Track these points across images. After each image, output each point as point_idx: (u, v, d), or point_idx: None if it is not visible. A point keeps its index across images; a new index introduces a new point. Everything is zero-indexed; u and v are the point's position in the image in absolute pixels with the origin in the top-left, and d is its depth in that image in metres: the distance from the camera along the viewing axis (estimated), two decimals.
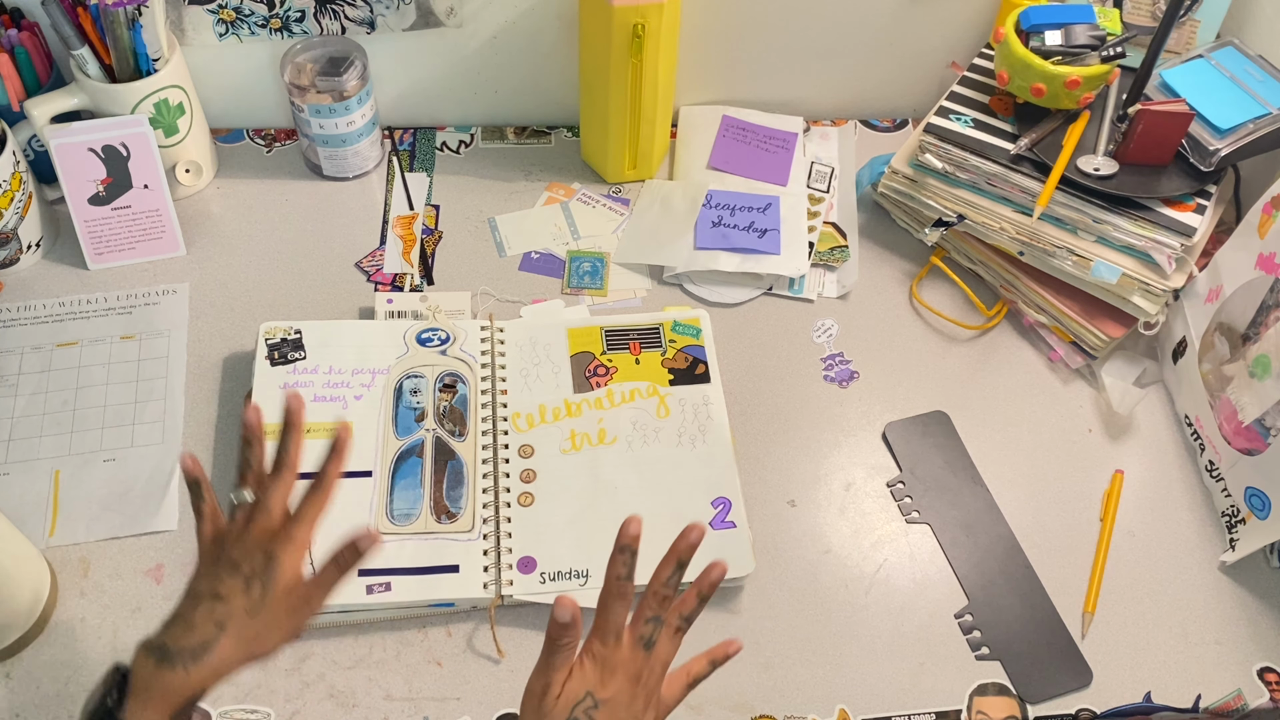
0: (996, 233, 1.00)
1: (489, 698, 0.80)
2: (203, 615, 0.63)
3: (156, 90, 0.99)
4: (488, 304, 1.02)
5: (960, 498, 0.92)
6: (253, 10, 1.03)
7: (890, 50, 1.15)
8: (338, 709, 0.79)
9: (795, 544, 0.89)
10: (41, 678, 0.79)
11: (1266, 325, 0.86)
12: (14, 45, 0.97)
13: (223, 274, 1.03)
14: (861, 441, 0.96)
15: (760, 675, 0.82)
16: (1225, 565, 0.90)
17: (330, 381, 0.92)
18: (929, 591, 0.87)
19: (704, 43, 1.11)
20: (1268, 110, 0.95)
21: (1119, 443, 0.97)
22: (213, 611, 0.63)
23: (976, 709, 0.82)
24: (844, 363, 1.01)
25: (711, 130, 1.16)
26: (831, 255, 1.07)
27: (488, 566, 0.83)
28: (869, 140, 1.19)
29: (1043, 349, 1.02)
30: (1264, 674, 0.84)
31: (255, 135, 1.14)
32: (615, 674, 0.64)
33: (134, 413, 0.92)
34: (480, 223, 1.09)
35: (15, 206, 0.97)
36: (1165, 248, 0.93)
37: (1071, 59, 0.97)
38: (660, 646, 0.66)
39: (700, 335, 0.98)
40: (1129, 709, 0.82)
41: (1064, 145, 0.97)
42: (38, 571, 0.81)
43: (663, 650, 0.66)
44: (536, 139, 1.17)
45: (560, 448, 0.91)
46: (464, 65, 1.12)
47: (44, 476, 0.88)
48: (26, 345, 0.96)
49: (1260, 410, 0.85)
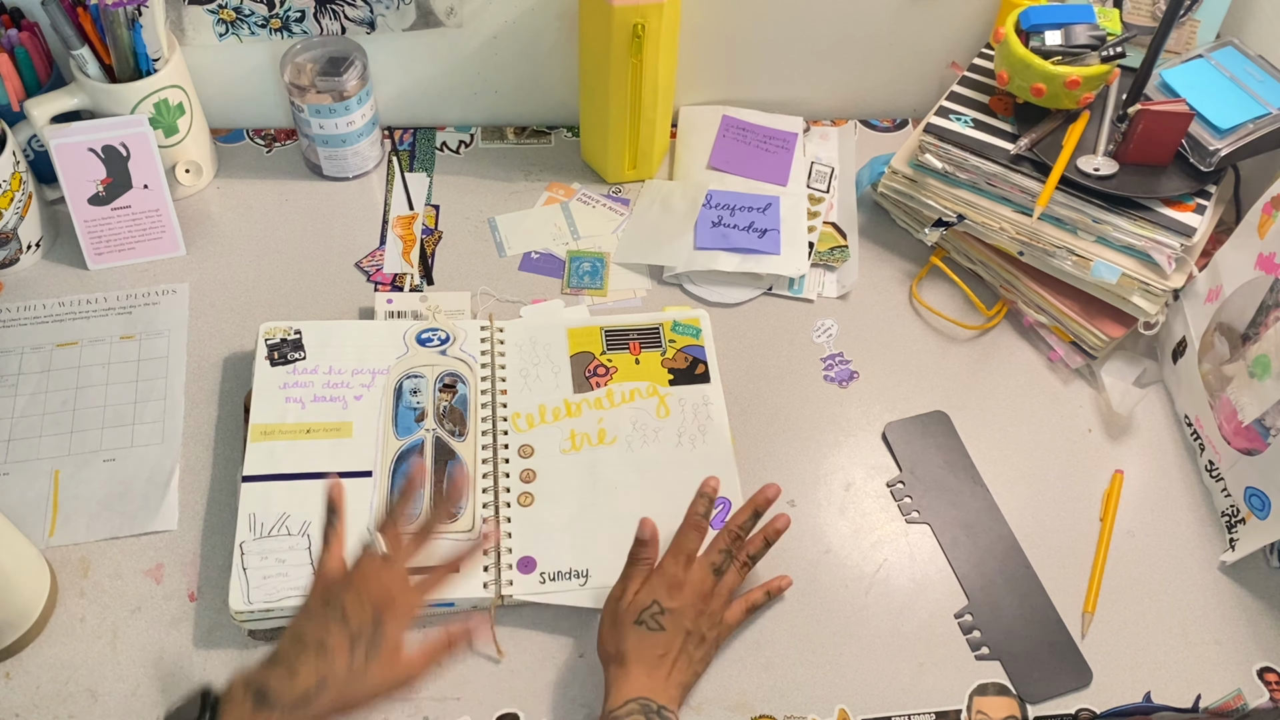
0: (996, 233, 1.00)
1: (489, 698, 0.80)
2: (307, 666, 0.64)
3: (156, 90, 0.99)
4: (488, 304, 1.02)
5: (960, 498, 0.92)
6: (253, 10, 1.03)
7: (890, 50, 1.15)
8: None
9: (795, 544, 0.89)
10: (41, 678, 0.79)
11: (1266, 325, 0.86)
12: (14, 45, 0.97)
13: (222, 274, 1.03)
14: (861, 441, 0.96)
15: (760, 675, 0.82)
16: (1225, 565, 0.90)
17: (330, 382, 0.92)
18: (929, 591, 0.87)
19: (704, 43, 1.11)
20: (1268, 110, 0.95)
21: (1119, 443, 0.97)
22: (317, 665, 0.64)
23: (976, 709, 0.82)
24: (844, 363, 1.01)
25: (711, 130, 1.16)
26: (831, 255, 1.07)
27: (488, 566, 0.83)
28: (869, 140, 1.19)
29: (1043, 349, 1.02)
30: (1264, 674, 0.84)
31: (255, 135, 1.14)
32: (683, 590, 0.76)
33: (134, 413, 0.92)
34: (480, 223, 1.09)
35: (15, 206, 0.97)
36: (1165, 248, 0.93)
37: (1071, 59, 0.97)
38: (728, 576, 0.80)
39: (700, 335, 0.98)
40: (1129, 709, 0.82)
41: (1064, 145, 0.97)
42: (38, 571, 0.81)
43: (730, 579, 0.80)
44: (536, 139, 1.17)
45: (560, 448, 0.91)
46: (464, 65, 1.12)
47: (44, 476, 0.88)
48: (26, 345, 0.96)
49: (1260, 410, 0.85)
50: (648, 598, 0.75)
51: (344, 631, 0.65)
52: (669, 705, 0.72)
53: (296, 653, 0.65)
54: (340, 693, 0.64)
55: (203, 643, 0.81)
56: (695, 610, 0.76)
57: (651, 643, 0.74)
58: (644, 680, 0.72)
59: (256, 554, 0.82)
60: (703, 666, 0.77)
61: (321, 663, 0.64)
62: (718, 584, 0.79)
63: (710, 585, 0.78)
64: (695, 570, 0.78)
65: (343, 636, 0.65)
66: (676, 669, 0.74)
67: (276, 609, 0.80)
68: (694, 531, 0.79)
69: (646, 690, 0.72)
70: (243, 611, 0.80)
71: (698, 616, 0.76)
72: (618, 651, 0.74)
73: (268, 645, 0.81)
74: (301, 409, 0.90)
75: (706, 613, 0.77)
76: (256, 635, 0.82)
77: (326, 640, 0.65)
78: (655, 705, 0.71)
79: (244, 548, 0.82)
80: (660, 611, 0.75)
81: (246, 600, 0.80)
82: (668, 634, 0.74)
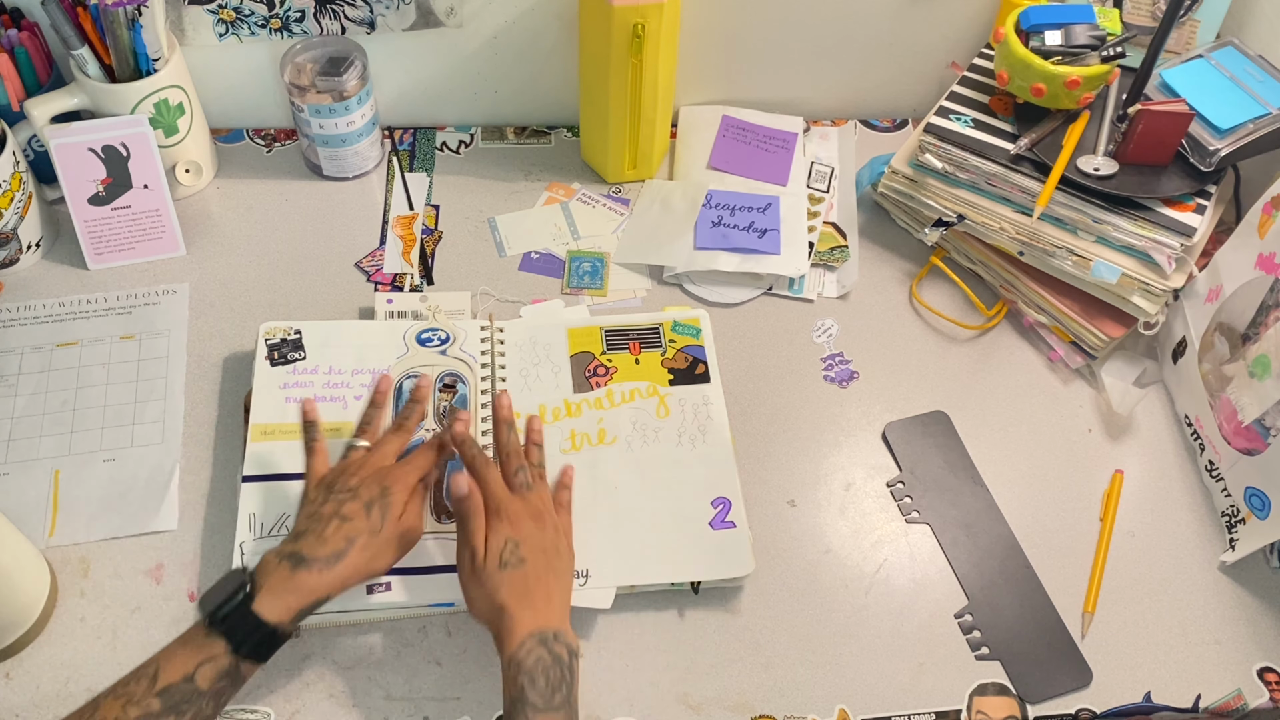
0: (996, 233, 1.00)
1: (489, 697, 0.80)
2: (333, 531, 0.74)
3: (156, 90, 0.99)
4: (487, 304, 1.02)
5: (960, 498, 0.92)
6: (253, 10, 1.03)
7: (890, 50, 1.15)
8: (337, 709, 0.79)
9: (795, 544, 0.89)
10: (41, 678, 0.79)
11: (1266, 325, 0.86)
12: (14, 45, 0.97)
13: (223, 274, 1.03)
14: (861, 441, 0.96)
15: (760, 675, 0.82)
16: (1225, 565, 0.90)
17: (330, 382, 0.92)
18: (929, 591, 0.87)
19: (704, 43, 1.11)
20: (1268, 110, 0.95)
21: (1119, 443, 0.97)
22: (341, 528, 0.74)
23: (976, 709, 0.82)
24: (844, 363, 1.01)
25: (711, 130, 1.16)
26: (831, 255, 1.07)
27: None
28: (869, 140, 1.19)
29: (1043, 349, 1.02)
30: (1264, 674, 0.84)
31: (255, 135, 1.14)
32: (519, 518, 0.77)
33: (134, 413, 0.92)
34: (480, 223, 1.09)
35: (15, 206, 0.97)
36: (1165, 248, 0.93)
37: (1071, 59, 0.97)
38: (538, 486, 0.81)
39: (700, 335, 0.98)
40: (1129, 709, 0.82)
41: (1064, 145, 0.97)
42: (38, 571, 0.81)
43: (540, 488, 0.81)
44: (536, 139, 1.17)
45: (560, 448, 0.90)
46: (464, 65, 1.12)
47: (44, 476, 0.88)
48: (26, 345, 0.96)
49: (1260, 410, 0.85)
50: (498, 540, 0.76)
51: (355, 500, 0.76)
52: (560, 627, 0.73)
53: (319, 525, 0.74)
54: (365, 548, 0.74)
55: None
56: (537, 527, 0.77)
57: (520, 577, 0.74)
58: (530, 615, 0.73)
59: (256, 554, 0.82)
60: (570, 576, 0.78)
61: (346, 526, 0.74)
62: (535, 496, 0.80)
63: (536, 501, 0.79)
64: (513, 497, 0.79)
65: (356, 505, 0.76)
66: (551, 590, 0.75)
67: None
68: (486, 469, 0.80)
69: (535, 623, 0.72)
70: None
71: (543, 532, 0.77)
72: (495, 604, 0.74)
73: None
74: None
75: (549, 525, 0.78)
76: None
77: (342, 509, 0.75)
78: (551, 632, 0.72)
79: (244, 548, 0.82)
80: (516, 545, 0.75)
81: None
82: (529, 562, 0.75)
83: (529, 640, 0.72)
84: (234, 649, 0.69)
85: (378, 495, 0.77)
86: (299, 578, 0.72)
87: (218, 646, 0.69)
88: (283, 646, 0.72)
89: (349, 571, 0.73)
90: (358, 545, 0.74)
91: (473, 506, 0.77)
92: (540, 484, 0.82)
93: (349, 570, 0.73)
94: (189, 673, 0.68)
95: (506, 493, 0.79)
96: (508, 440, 0.84)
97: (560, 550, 0.78)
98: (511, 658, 0.71)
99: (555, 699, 0.70)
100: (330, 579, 0.72)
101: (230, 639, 0.69)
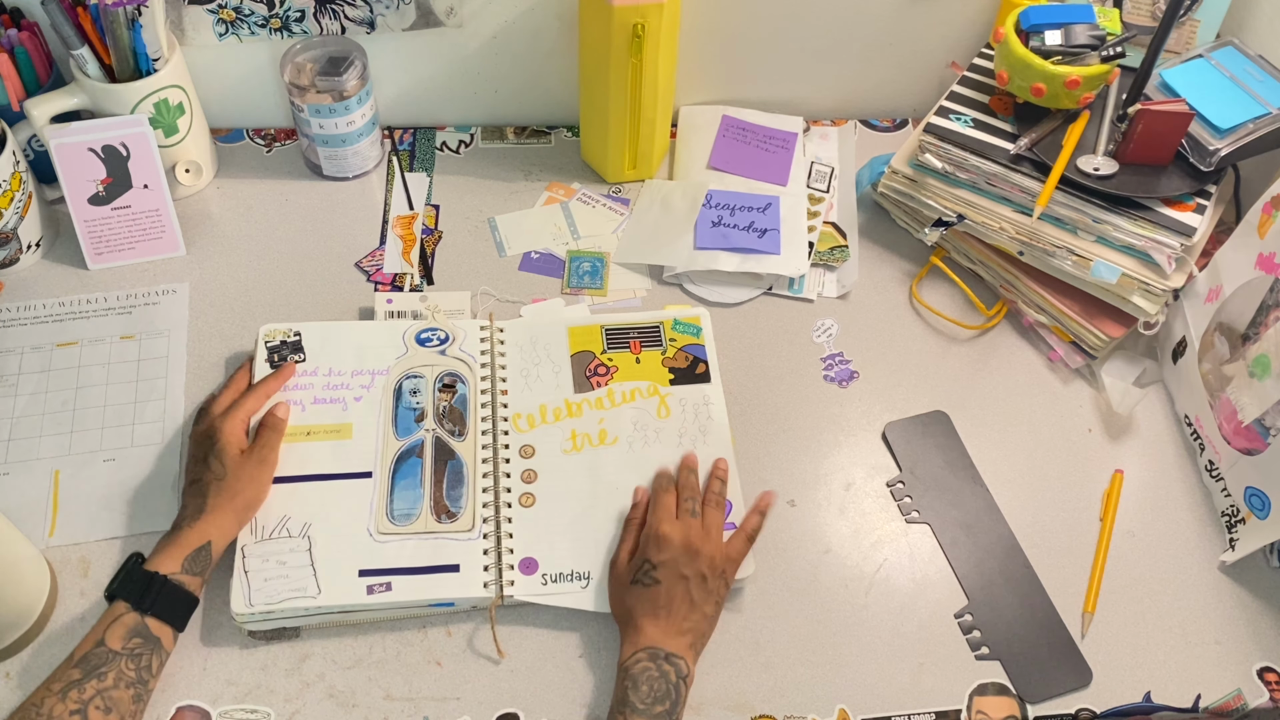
0: (996, 233, 1.00)
1: (489, 698, 0.80)
2: (190, 495, 0.82)
3: (156, 90, 0.99)
4: (487, 304, 1.02)
5: (960, 498, 0.92)
6: (253, 10, 1.03)
7: (890, 50, 1.15)
8: (338, 709, 0.79)
9: (795, 544, 0.89)
10: (41, 677, 0.79)
11: (1266, 325, 0.86)
12: (14, 45, 0.97)
13: (222, 274, 1.03)
14: (861, 441, 0.96)
15: (760, 675, 0.82)
16: (1225, 565, 0.90)
17: (330, 383, 0.92)
18: (929, 591, 0.87)
19: (704, 43, 1.11)
20: (1268, 110, 0.95)
21: (1119, 443, 0.97)
22: (194, 491, 0.82)
23: (976, 709, 0.82)
24: (844, 363, 1.01)
25: (711, 130, 1.16)
26: (831, 255, 1.07)
27: (488, 566, 0.83)
28: (869, 140, 1.19)
29: (1042, 349, 1.02)
30: (1264, 674, 0.84)
31: (255, 135, 1.14)
32: (670, 543, 0.81)
33: (134, 413, 0.92)
34: (480, 223, 1.09)
35: (15, 206, 0.97)
36: (1165, 248, 0.93)
37: (1071, 59, 0.97)
38: (707, 515, 0.84)
39: (700, 334, 0.98)
40: (1129, 709, 0.82)
41: (1064, 145, 0.97)
42: (38, 571, 0.81)
43: (710, 517, 0.84)
44: (536, 139, 1.17)
45: (561, 448, 0.90)
46: (464, 65, 1.12)
47: (44, 476, 0.88)
48: (26, 345, 0.96)
49: (1260, 410, 0.85)
50: (639, 559, 0.81)
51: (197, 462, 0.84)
52: (677, 651, 0.77)
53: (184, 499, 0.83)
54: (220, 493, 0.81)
55: (203, 643, 0.81)
56: (686, 557, 0.80)
57: (650, 597, 0.79)
58: (650, 631, 0.78)
59: (257, 556, 0.82)
60: (713, 607, 0.80)
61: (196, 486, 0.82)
62: (699, 526, 0.83)
63: (694, 530, 0.82)
64: (674, 523, 0.82)
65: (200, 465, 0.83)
66: (679, 616, 0.79)
67: (278, 611, 0.80)
68: (664, 494, 0.85)
69: (653, 640, 0.77)
70: (244, 613, 0.80)
71: (691, 562, 0.80)
72: (624, 611, 0.80)
73: (268, 645, 0.81)
74: (302, 411, 0.90)
75: (702, 555, 0.81)
76: (257, 636, 0.82)
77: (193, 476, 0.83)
78: (663, 652, 0.77)
79: (245, 550, 0.82)
80: (652, 567, 0.80)
81: (248, 602, 0.80)
82: (663, 586, 0.79)
83: (642, 653, 0.77)
84: (134, 605, 0.75)
85: (210, 446, 0.83)
86: (171, 537, 0.79)
87: (120, 607, 0.76)
88: (284, 643, 0.72)
89: (216, 516, 0.80)
90: (210, 495, 0.81)
91: (634, 515, 0.86)
92: (714, 513, 0.85)
93: (215, 515, 0.80)
94: (99, 637, 0.74)
95: (667, 519, 0.83)
96: (684, 479, 0.87)
97: (706, 581, 0.80)
98: (622, 664, 0.77)
99: (656, 709, 0.74)
100: (199, 530, 0.79)
101: (127, 597, 0.76)
